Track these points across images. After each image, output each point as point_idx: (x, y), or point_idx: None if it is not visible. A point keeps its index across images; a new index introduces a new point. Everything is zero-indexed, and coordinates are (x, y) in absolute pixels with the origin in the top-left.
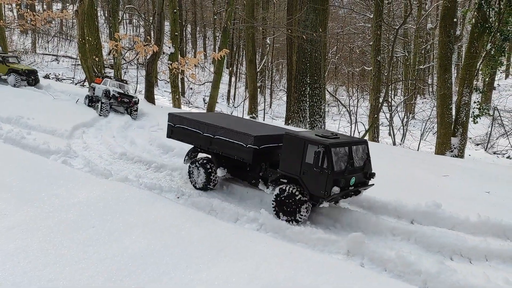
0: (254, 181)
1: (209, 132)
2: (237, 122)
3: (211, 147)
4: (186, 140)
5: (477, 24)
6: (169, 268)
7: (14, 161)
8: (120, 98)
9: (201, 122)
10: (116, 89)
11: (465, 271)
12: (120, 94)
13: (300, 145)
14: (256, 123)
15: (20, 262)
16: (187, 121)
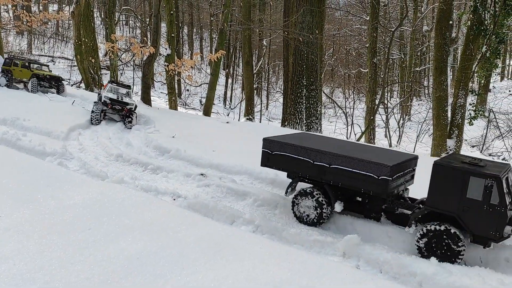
0: (375, 215)
1: (324, 161)
2: (351, 147)
3: (325, 177)
4: (289, 169)
5: (472, 26)
6: (166, 270)
7: (10, 162)
8: (111, 105)
9: (311, 149)
10: (109, 95)
11: (460, 273)
12: (111, 100)
13: (458, 177)
14: (369, 146)
15: (16, 264)
16: (291, 148)
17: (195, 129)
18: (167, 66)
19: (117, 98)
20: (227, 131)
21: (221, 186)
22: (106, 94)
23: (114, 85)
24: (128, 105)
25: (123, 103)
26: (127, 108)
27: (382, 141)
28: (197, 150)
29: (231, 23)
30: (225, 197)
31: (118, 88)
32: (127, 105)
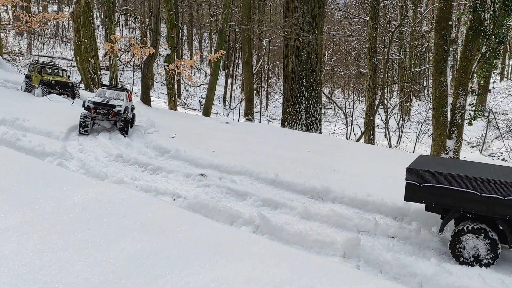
0: None
1: (497, 192)
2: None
3: (499, 211)
4: (445, 203)
5: (472, 27)
6: (166, 270)
7: (9, 163)
8: (94, 109)
9: (478, 179)
10: (93, 98)
11: (460, 273)
12: (95, 104)
13: None
14: None
15: (15, 264)
16: (448, 178)
17: (195, 130)
18: (166, 66)
19: (102, 101)
20: (227, 131)
21: (221, 187)
22: (90, 98)
23: (104, 88)
24: (116, 108)
25: (109, 106)
26: (113, 111)
27: (381, 142)
28: (197, 151)
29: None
30: (225, 197)
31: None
32: (114, 108)
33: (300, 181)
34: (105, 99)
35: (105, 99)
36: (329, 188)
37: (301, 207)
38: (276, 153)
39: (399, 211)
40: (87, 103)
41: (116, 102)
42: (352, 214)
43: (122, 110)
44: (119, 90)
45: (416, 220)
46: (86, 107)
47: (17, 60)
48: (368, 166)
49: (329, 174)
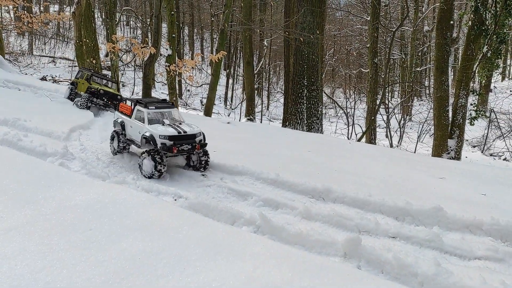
0: None
1: None
2: None
3: None
4: None
5: (473, 26)
6: (167, 270)
7: (11, 163)
8: (175, 146)
9: None
10: (161, 130)
11: (461, 273)
12: (175, 140)
13: None
14: None
15: (17, 264)
16: None
17: None
18: (168, 66)
19: (179, 134)
20: (228, 131)
21: (222, 187)
22: (155, 130)
23: (150, 109)
24: (196, 137)
25: (190, 137)
26: (198, 145)
27: (383, 141)
28: None
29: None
30: (226, 197)
31: (153, 111)
32: (194, 138)
33: (301, 181)
34: (174, 127)
35: (176, 128)
36: (330, 188)
37: (302, 207)
38: (277, 153)
39: (401, 211)
40: (160, 140)
41: (188, 127)
42: (353, 214)
43: (203, 138)
44: (167, 107)
45: (417, 220)
46: (161, 146)
47: (19, 61)
48: (369, 166)
49: (330, 174)
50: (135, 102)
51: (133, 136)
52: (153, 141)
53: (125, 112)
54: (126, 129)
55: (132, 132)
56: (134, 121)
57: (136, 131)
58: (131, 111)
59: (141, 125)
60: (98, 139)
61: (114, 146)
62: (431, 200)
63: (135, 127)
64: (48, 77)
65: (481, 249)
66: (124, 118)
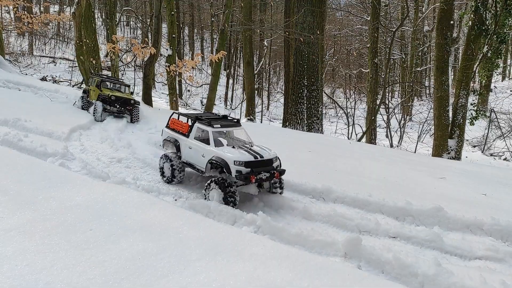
0: None
1: None
2: None
3: None
4: None
5: (473, 26)
6: (167, 270)
7: (11, 163)
8: (254, 174)
9: None
10: (235, 155)
11: (462, 273)
12: (253, 166)
13: None
14: None
15: (17, 265)
16: None
17: None
18: (168, 66)
19: (256, 159)
20: None
21: None
22: (231, 155)
23: (215, 128)
24: (274, 162)
25: (268, 163)
26: (277, 172)
27: (383, 141)
28: None
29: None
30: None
31: (217, 129)
32: (271, 163)
33: (301, 181)
34: (247, 150)
35: (249, 151)
36: (331, 188)
37: (302, 207)
38: (277, 153)
39: (401, 211)
40: (235, 166)
41: (262, 150)
42: (353, 214)
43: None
44: (233, 125)
45: (418, 220)
46: (236, 174)
47: (19, 61)
48: (370, 166)
49: (330, 174)
50: (194, 119)
51: (192, 159)
52: (226, 167)
53: (178, 130)
54: (181, 150)
55: (192, 154)
56: (194, 142)
57: (198, 154)
58: (188, 129)
59: (205, 147)
60: (98, 139)
61: (167, 174)
62: (431, 200)
63: (196, 149)
64: (48, 77)
65: (482, 249)
66: (178, 137)
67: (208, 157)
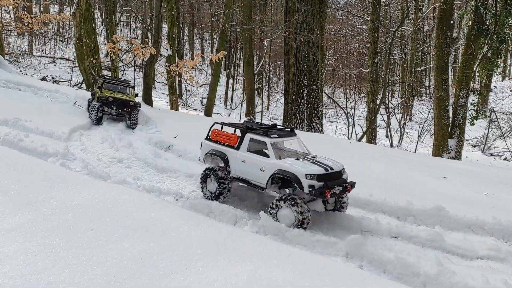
0: None
1: None
2: None
3: None
4: None
5: (473, 26)
6: (169, 270)
7: (12, 163)
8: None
9: None
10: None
11: (464, 273)
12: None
13: None
14: None
15: (19, 265)
16: None
17: (196, 130)
18: (168, 66)
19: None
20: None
21: None
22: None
23: (272, 138)
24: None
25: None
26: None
27: (383, 141)
28: (199, 150)
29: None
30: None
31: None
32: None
33: None
34: (312, 161)
35: (316, 163)
36: None
37: None
38: None
39: (402, 211)
40: (307, 181)
41: (328, 161)
42: (354, 214)
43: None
44: (289, 134)
45: (419, 220)
46: (310, 190)
47: (19, 61)
48: (370, 166)
49: None
50: (244, 129)
51: (247, 174)
52: (296, 182)
53: (224, 142)
54: (230, 164)
55: (246, 169)
56: (248, 155)
57: (255, 168)
58: (237, 141)
59: (264, 160)
60: (99, 139)
61: (211, 189)
62: (432, 200)
63: (251, 162)
64: (49, 77)
65: (483, 248)
66: (225, 150)
67: (269, 171)
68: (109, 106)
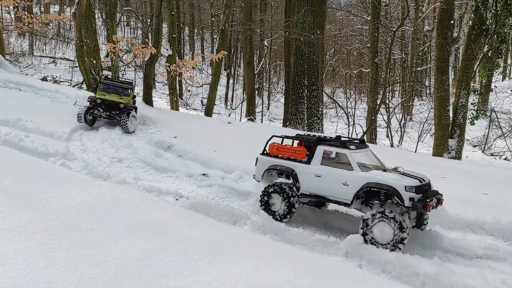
0: None
1: None
2: None
3: None
4: None
5: (474, 26)
6: (168, 270)
7: (12, 163)
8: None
9: None
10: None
11: (463, 273)
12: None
13: None
14: None
15: (19, 264)
16: None
17: (196, 130)
18: (168, 66)
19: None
20: (229, 131)
21: (223, 186)
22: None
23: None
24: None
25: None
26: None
27: (383, 141)
28: (199, 150)
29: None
30: (228, 197)
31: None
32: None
33: None
34: (401, 173)
35: (407, 175)
36: None
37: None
38: None
39: None
40: (407, 193)
41: (418, 174)
42: (354, 214)
43: None
44: (363, 146)
45: None
46: (410, 203)
47: (19, 61)
48: None
49: None
50: (315, 141)
51: (324, 189)
52: (396, 195)
53: (288, 156)
54: (300, 180)
55: (322, 184)
56: (325, 168)
57: (335, 183)
58: (305, 154)
59: (348, 174)
60: (99, 139)
61: (276, 209)
62: None
63: (329, 176)
64: (49, 77)
65: (483, 248)
66: (291, 165)
67: (355, 185)
68: (97, 108)
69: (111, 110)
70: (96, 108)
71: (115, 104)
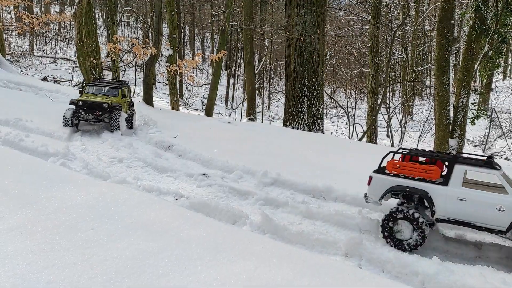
0: None
1: None
2: None
3: None
4: None
5: (474, 26)
6: (168, 269)
7: (12, 163)
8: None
9: None
10: None
11: (462, 272)
12: None
13: None
14: None
15: (19, 264)
16: None
17: (197, 130)
18: (168, 67)
19: None
20: (229, 131)
21: (223, 186)
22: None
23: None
24: None
25: None
26: None
27: (384, 141)
28: (199, 150)
29: (233, 24)
30: (227, 197)
31: None
32: None
33: (302, 181)
34: None
35: None
36: (331, 187)
37: (303, 206)
38: (278, 153)
39: None
40: None
41: None
42: (354, 213)
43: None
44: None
45: None
46: None
47: (20, 61)
48: (370, 166)
49: (331, 173)
50: (452, 159)
51: (471, 215)
52: None
53: (416, 176)
54: (436, 204)
55: (468, 208)
56: (471, 191)
57: (486, 208)
58: (440, 174)
59: (502, 197)
60: (99, 139)
61: (403, 237)
62: None
63: (478, 200)
64: (49, 77)
65: (482, 247)
66: (423, 186)
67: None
68: (78, 110)
69: (93, 111)
70: (78, 110)
71: (98, 105)
